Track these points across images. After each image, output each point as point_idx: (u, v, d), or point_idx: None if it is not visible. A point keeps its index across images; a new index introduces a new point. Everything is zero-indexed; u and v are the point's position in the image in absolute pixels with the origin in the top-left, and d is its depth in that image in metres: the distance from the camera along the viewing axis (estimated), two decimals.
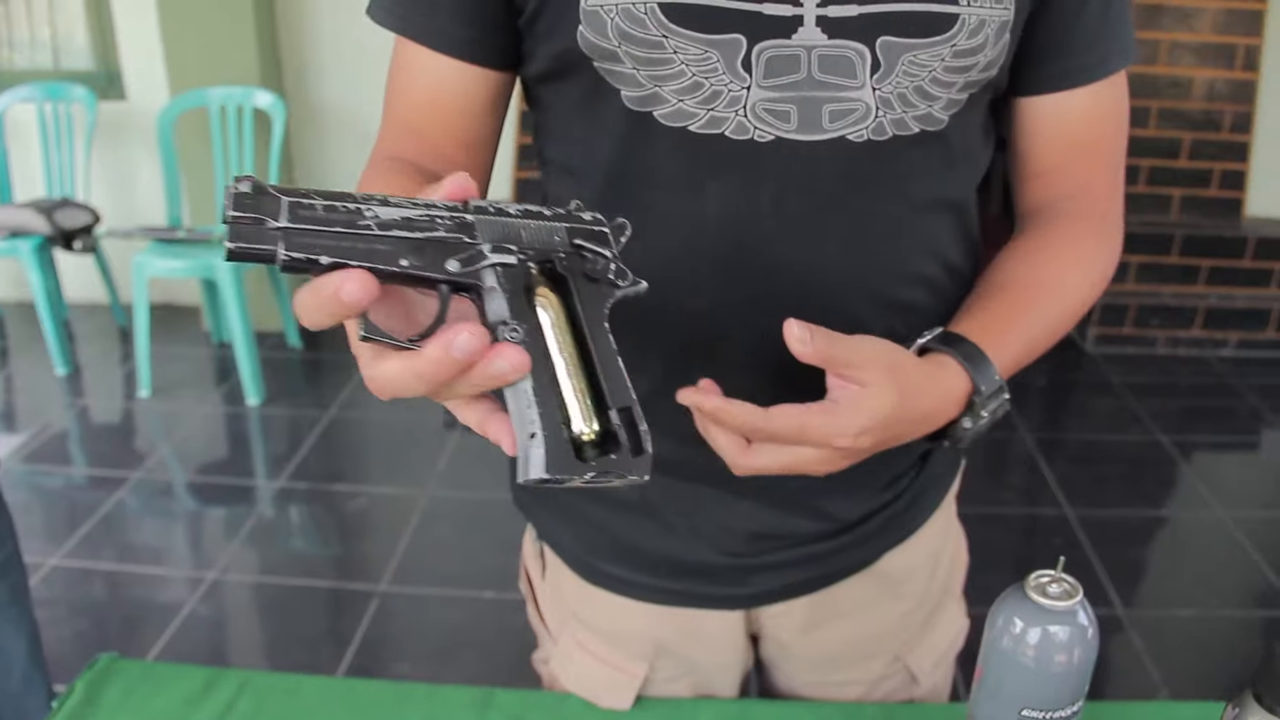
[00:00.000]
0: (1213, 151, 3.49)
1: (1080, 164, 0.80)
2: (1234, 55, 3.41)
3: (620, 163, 0.72)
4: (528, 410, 0.48)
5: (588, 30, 0.67)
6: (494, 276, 0.49)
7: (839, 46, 0.66)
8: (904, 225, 0.73)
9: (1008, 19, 0.69)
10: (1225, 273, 3.54)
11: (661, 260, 0.70)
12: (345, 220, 0.47)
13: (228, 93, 3.20)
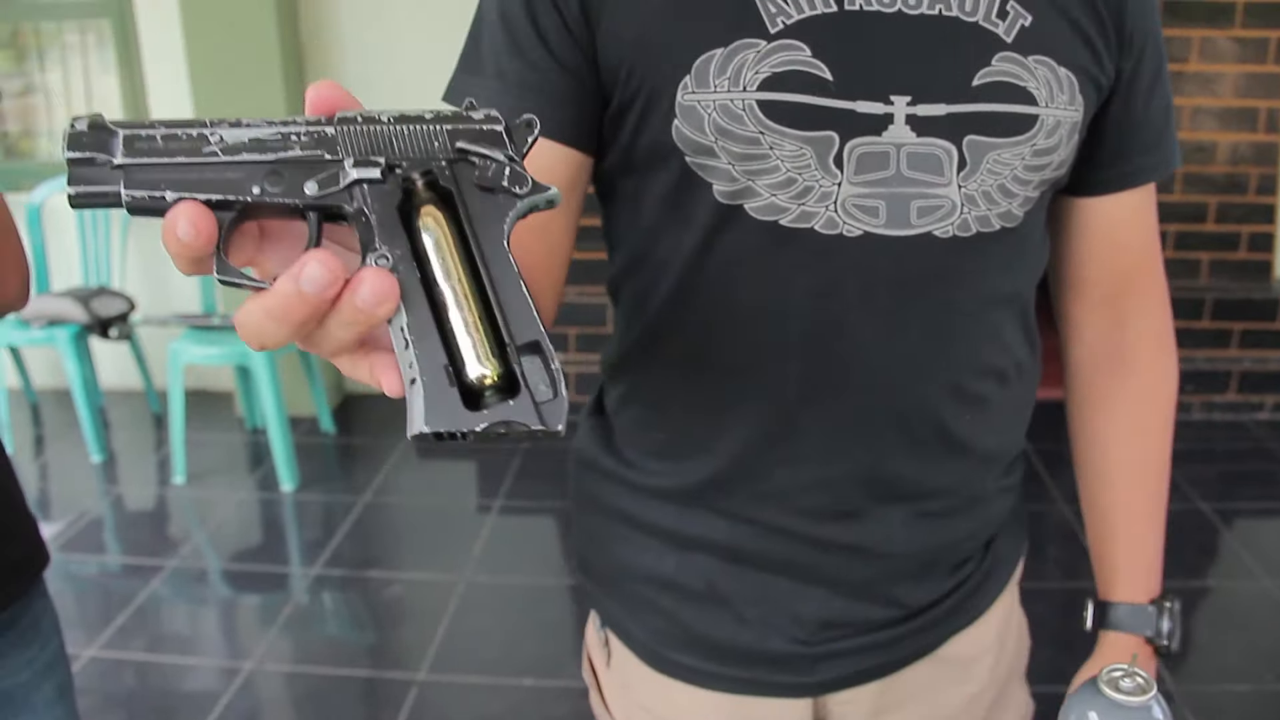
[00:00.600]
0: (1239, 214, 3.51)
1: (1132, 260, 0.85)
2: (1256, 118, 3.44)
3: (705, 253, 0.74)
4: (405, 352, 0.41)
5: (683, 125, 0.69)
6: (359, 195, 0.43)
7: (927, 144, 0.70)
8: (978, 318, 0.76)
9: (1078, 120, 0.74)
10: (1258, 335, 3.53)
11: (744, 347, 0.74)
12: (189, 149, 0.42)
13: None
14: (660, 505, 0.82)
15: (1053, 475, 3.05)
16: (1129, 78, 0.78)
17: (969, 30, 0.70)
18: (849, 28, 0.69)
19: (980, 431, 0.80)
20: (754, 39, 0.68)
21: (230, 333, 3.11)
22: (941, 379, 0.76)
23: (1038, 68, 0.71)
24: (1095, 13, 0.74)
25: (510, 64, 0.71)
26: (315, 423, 3.51)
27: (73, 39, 3.86)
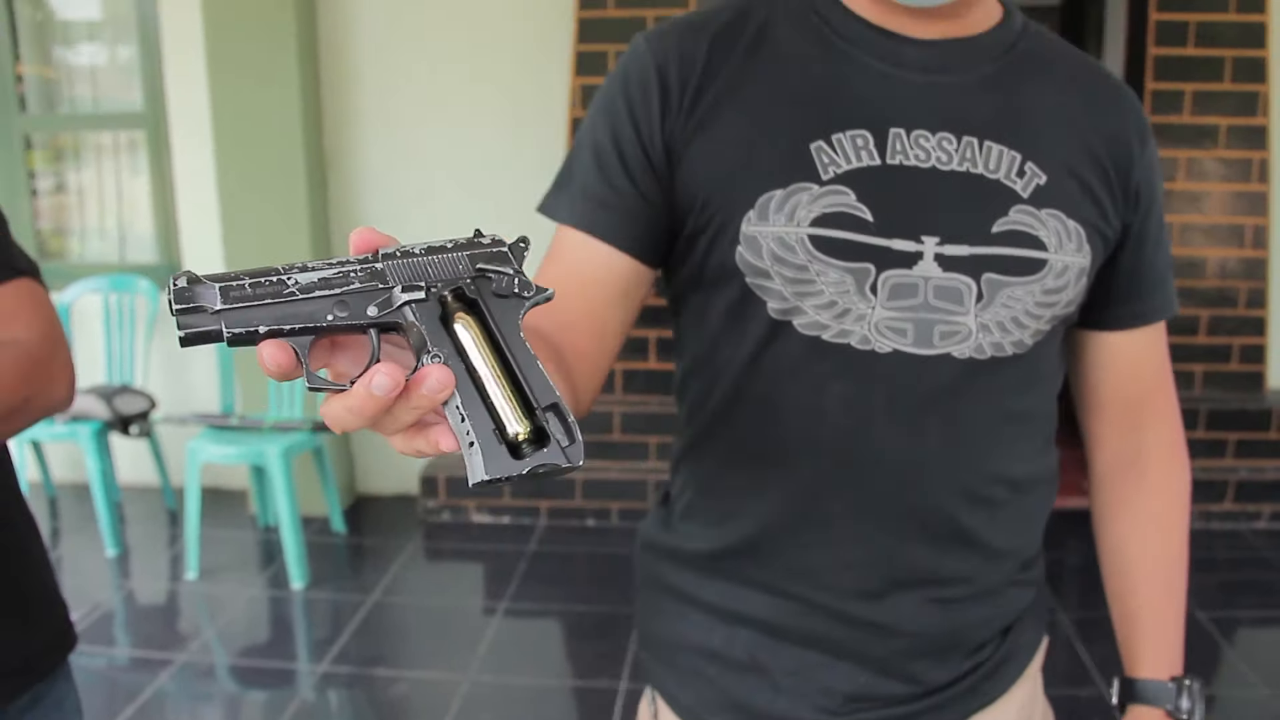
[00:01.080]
0: (1231, 327, 3.61)
1: (1146, 390, 0.98)
2: (1243, 235, 3.57)
3: (757, 360, 0.87)
4: (462, 424, 0.53)
5: (745, 251, 0.84)
6: (410, 313, 0.55)
7: (951, 279, 0.83)
8: (990, 431, 0.88)
9: (1085, 265, 0.87)
10: (1253, 445, 3.60)
11: (784, 441, 0.87)
12: (272, 292, 0.52)
13: None
14: (710, 581, 0.94)
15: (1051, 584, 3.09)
16: (1138, 229, 0.92)
17: (991, 185, 0.84)
18: (889, 179, 0.83)
19: (991, 531, 0.91)
20: (808, 183, 0.83)
21: (247, 433, 3.22)
22: (955, 482, 0.88)
23: (1050, 220, 0.85)
24: (1105, 175, 0.88)
25: (594, 185, 0.87)
26: (327, 522, 3.58)
27: (106, 141, 4.06)
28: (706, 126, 0.85)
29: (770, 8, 0.89)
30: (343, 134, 3.68)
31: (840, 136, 0.83)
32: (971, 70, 0.87)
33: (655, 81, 0.85)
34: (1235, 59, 3.46)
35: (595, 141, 0.87)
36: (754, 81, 0.86)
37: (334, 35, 3.62)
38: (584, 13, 3.43)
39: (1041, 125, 0.86)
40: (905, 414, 0.85)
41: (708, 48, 0.86)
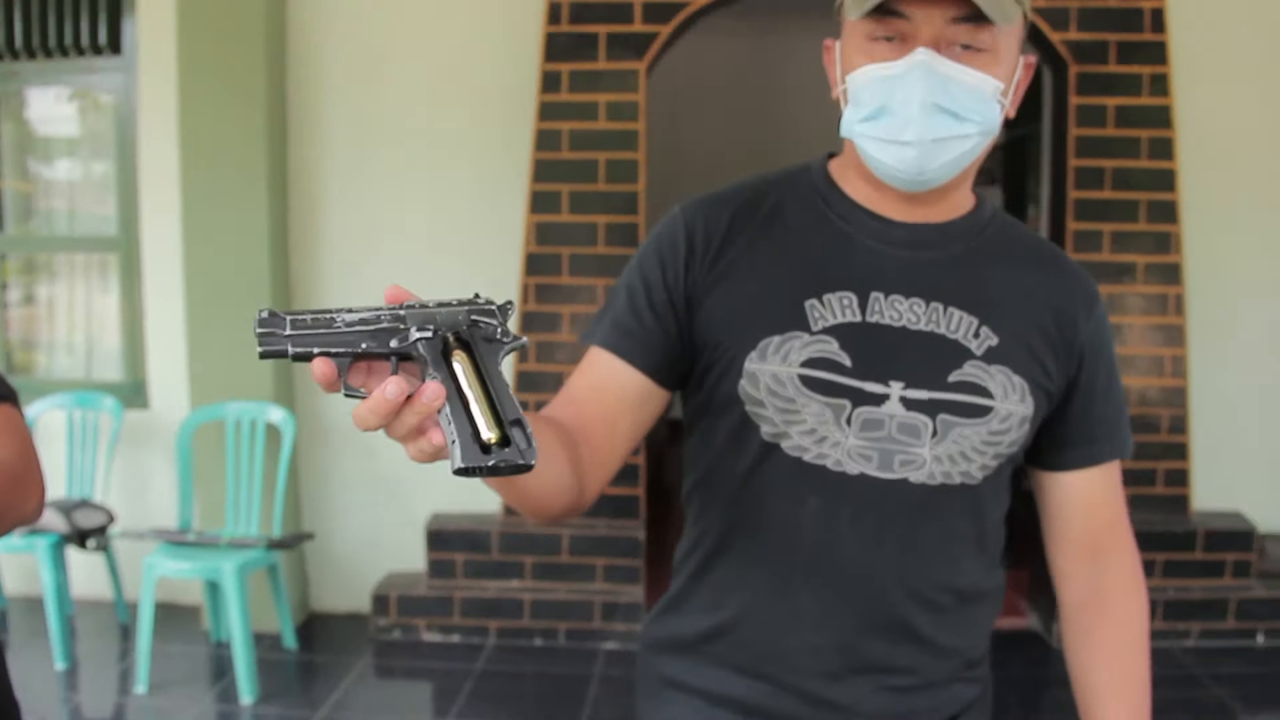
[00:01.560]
0: (1155, 452, 3.81)
1: (1105, 524, 1.16)
2: (1163, 365, 3.80)
3: (750, 476, 1.07)
4: (449, 426, 0.73)
5: (747, 384, 1.05)
6: (421, 346, 0.76)
7: (912, 417, 1.03)
8: (940, 547, 1.08)
9: (1028, 414, 1.07)
10: (1179, 565, 3.76)
11: (765, 544, 1.07)
12: (326, 324, 0.75)
13: (244, 407, 3.56)
14: (698, 668, 1.12)
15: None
16: (1085, 384, 1.11)
17: (950, 343, 1.05)
18: (867, 333, 1.04)
19: (938, 631, 1.09)
20: (801, 332, 1.04)
21: (203, 548, 3.30)
22: (907, 586, 1.06)
23: (998, 374, 1.05)
24: (1050, 339, 1.08)
25: (624, 317, 1.09)
26: (278, 639, 3.63)
27: (79, 259, 4.20)
28: (723, 281, 1.07)
29: (783, 191, 1.13)
30: (308, 261, 3.86)
31: (830, 296, 1.05)
32: (944, 249, 1.08)
33: (684, 242, 1.09)
34: (1149, 201, 3.74)
35: (630, 284, 1.10)
36: (765, 248, 1.08)
37: (302, 168, 3.83)
38: (540, 154, 3.67)
39: (999, 297, 1.08)
40: (868, 526, 1.04)
41: (729, 219, 1.10)
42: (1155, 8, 3.66)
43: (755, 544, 1.09)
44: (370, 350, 0.75)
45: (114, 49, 3.89)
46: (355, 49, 3.79)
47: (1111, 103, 3.70)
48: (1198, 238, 3.79)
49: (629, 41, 3.62)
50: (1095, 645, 1.16)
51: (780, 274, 1.07)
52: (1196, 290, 3.80)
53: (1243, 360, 3.92)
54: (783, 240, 1.09)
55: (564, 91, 3.64)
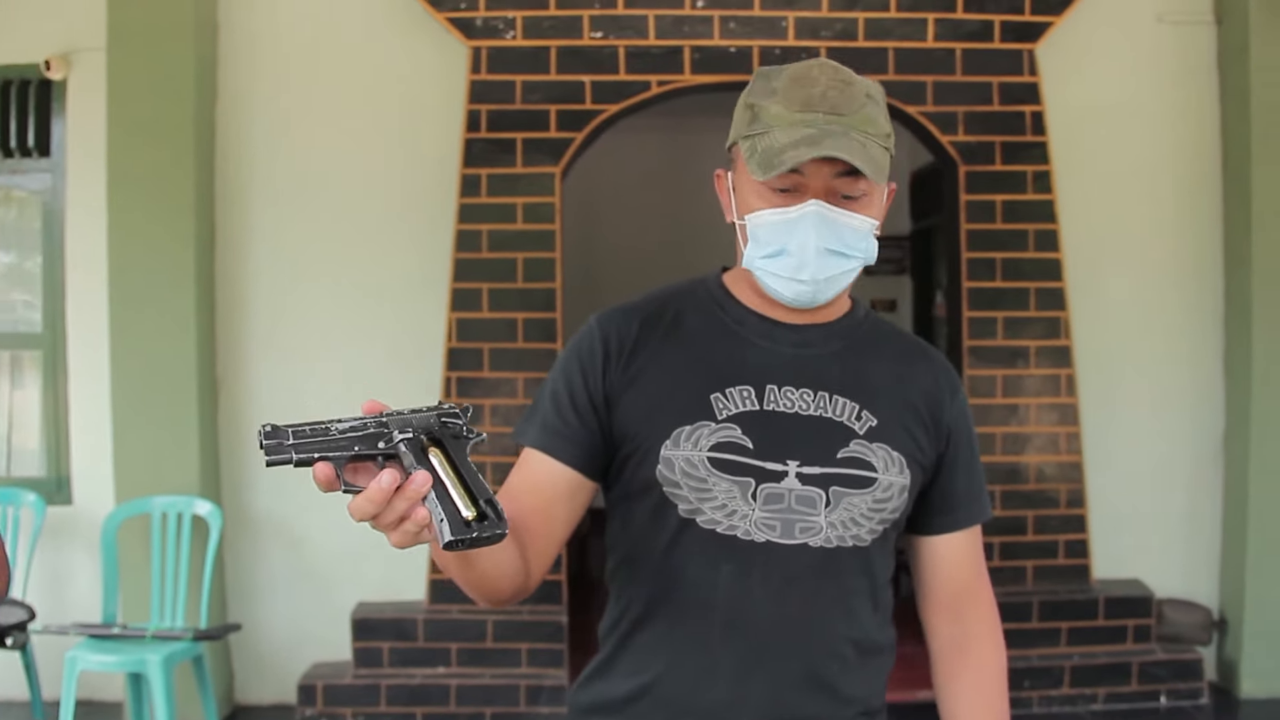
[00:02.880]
0: (1054, 525, 4.07)
1: (968, 582, 1.34)
2: (1059, 442, 4.09)
3: (670, 550, 1.23)
4: (435, 508, 0.91)
5: (663, 468, 1.21)
6: (403, 446, 0.94)
7: (808, 490, 1.21)
8: (839, 602, 1.24)
9: (907, 484, 1.25)
10: (1083, 632, 4.00)
11: (688, 608, 1.23)
12: (323, 433, 0.92)
13: (170, 501, 3.68)
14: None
15: None
16: (950, 458, 1.30)
17: (837, 425, 1.23)
18: (765, 419, 1.22)
19: (842, 681, 1.24)
20: (708, 421, 1.21)
21: (128, 642, 3.38)
22: (814, 639, 1.22)
23: (879, 450, 1.23)
24: (921, 420, 1.28)
25: (550, 419, 1.26)
26: None
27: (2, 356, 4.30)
28: (636, 382, 1.25)
29: (683, 301, 1.32)
30: (234, 357, 4.02)
31: (731, 390, 1.23)
32: (827, 346, 1.28)
33: (600, 349, 1.26)
34: (1038, 289, 4.07)
35: (555, 389, 1.27)
36: (671, 352, 1.26)
37: (229, 268, 4.01)
38: (460, 254, 3.90)
39: (876, 384, 1.27)
40: (775, 586, 1.20)
41: (639, 327, 1.28)
42: (1035, 111, 4.04)
43: (676, 609, 1.23)
44: (362, 452, 0.93)
45: (42, 151, 4.06)
46: (282, 152, 4.02)
47: (999, 199, 4.05)
48: (1084, 322, 4.13)
49: (544, 146, 3.89)
50: (958, 685, 1.34)
51: (686, 372, 1.25)
52: (1085, 371, 4.12)
53: (1131, 435, 4.24)
54: (686, 344, 1.27)
55: (483, 194, 3.89)
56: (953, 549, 1.34)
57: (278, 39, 4.02)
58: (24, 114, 4.03)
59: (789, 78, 1.20)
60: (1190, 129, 4.24)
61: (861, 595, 1.27)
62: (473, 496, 0.94)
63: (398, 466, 0.94)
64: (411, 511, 0.91)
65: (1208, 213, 4.25)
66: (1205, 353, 4.28)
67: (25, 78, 4.01)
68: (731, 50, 3.94)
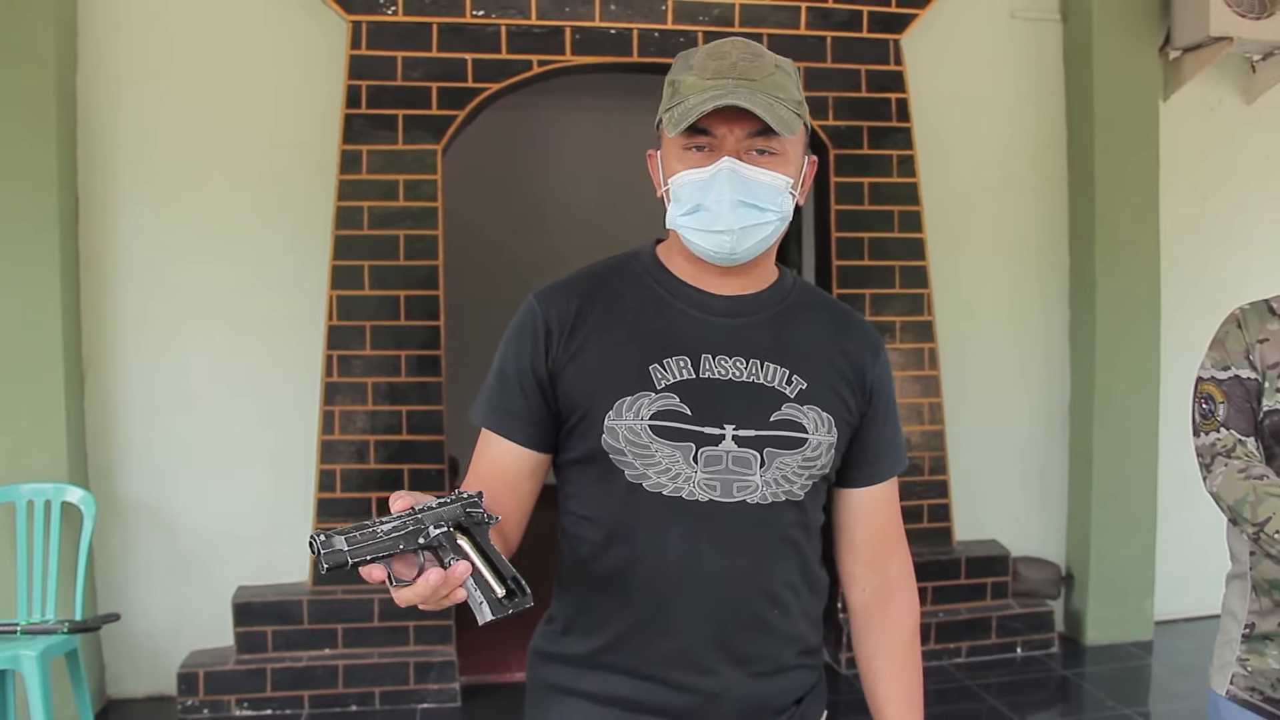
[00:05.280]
0: (919, 490, 4.38)
1: (885, 530, 1.48)
2: (923, 412, 4.40)
3: (621, 513, 1.33)
4: (474, 592, 1.10)
5: (608, 437, 1.31)
6: (439, 538, 1.10)
7: (744, 452, 1.32)
8: (779, 551, 1.37)
9: (834, 442, 1.37)
10: (946, 591, 4.33)
11: (638, 567, 1.33)
12: (370, 535, 1.07)
13: (37, 488, 3.58)
14: (587, 674, 1.38)
15: None
16: (872, 415, 1.42)
17: (769, 390, 1.34)
18: (701, 387, 1.32)
19: (784, 621, 1.37)
20: (648, 391, 1.31)
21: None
22: (759, 586, 1.35)
23: (809, 411, 1.35)
24: (847, 380, 1.40)
25: (499, 399, 1.38)
26: None
27: None
28: (578, 357, 1.34)
29: (620, 275, 1.41)
30: (104, 339, 3.93)
31: (669, 360, 1.33)
32: (757, 315, 1.38)
33: (542, 328, 1.36)
34: (903, 268, 4.36)
35: (503, 370, 1.38)
36: (610, 326, 1.36)
37: (96, 246, 3.91)
38: (340, 231, 3.92)
39: (804, 350, 1.38)
40: (720, 541, 1.32)
41: (578, 304, 1.37)
42: (900, 98, 4.32)
43: (631, 567, 1.34)
44: (405, 548, 1.09)
45: None
46: (150, 124, 3.94)
47: (866, 181, 4.32)
48: (944, 299, 4.45)
49: (426, 123, 3.94)
50: (878, 636, 1.47)
51: (625, 346, 1.34)
52: (945, 345, 4.45)
53: (987, 406, 4.60)
54: (624, 317, 1.36)
55: (364, 171, 3.91)
56: (874, 500, 1.47)
57: (144, 4, 3.93)
58: None
59: (703, 53, 1.31)
60: (1040, 119, 4.62)
61: (800, 544, 1.39)
62: (501, 575, 1.12)
63: (434, 557, 1.11)
64: (451, 595, 1.07)
65: (1056, 198, 4.64)
66: (1053, 328, 4.67)
67: None
68: (611, 32, 4.07)
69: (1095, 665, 4.34)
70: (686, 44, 4.11)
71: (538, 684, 1.45)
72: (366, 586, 3.75)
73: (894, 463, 1.48)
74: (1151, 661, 4.38)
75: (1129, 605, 4.54)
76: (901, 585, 1.49)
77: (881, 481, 1.47)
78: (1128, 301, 4.48)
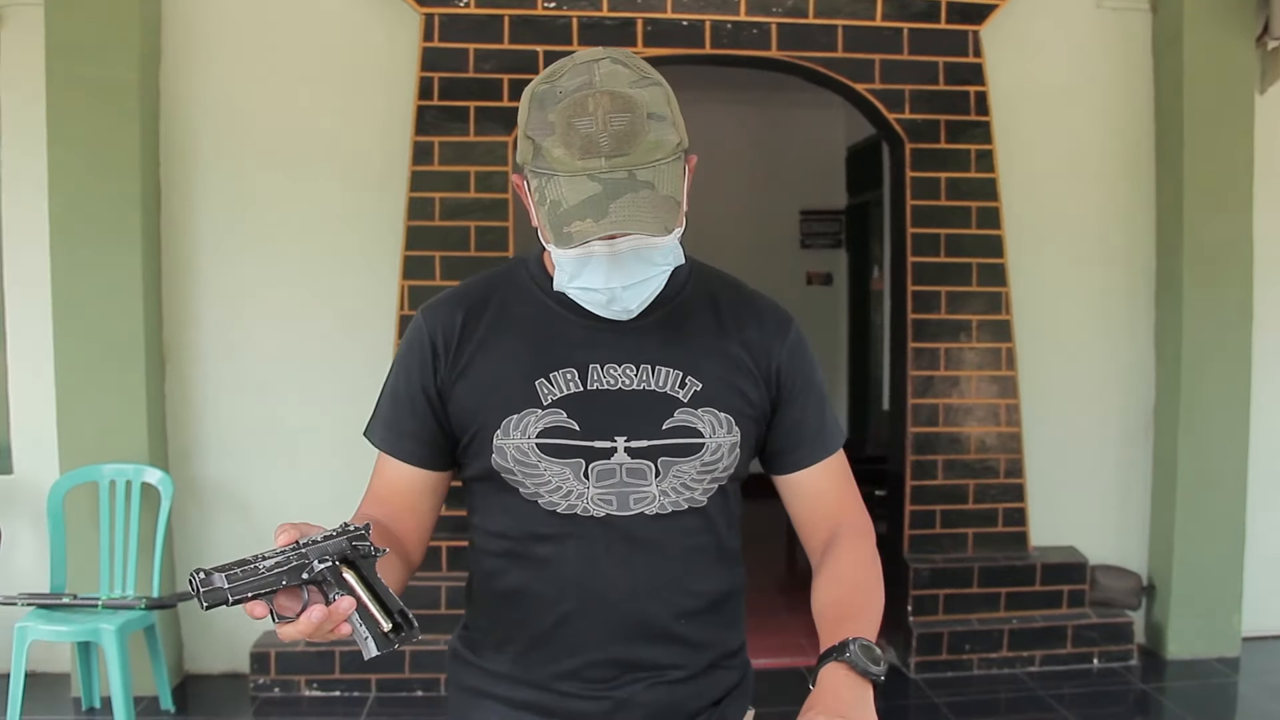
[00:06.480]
0: (994, 494, 4.33)
1: (833, 509, 1.42)
2: (999, 413, 4.34)
3: (521, 528, 1.33)
4: (358, 626, 1.10)
5: (498, 457, 1.30)
6: (324, 573, 1.09)
7: (637, 463, 1.30)
8: (681, 561, 1.34)
9: (737, 441, 1.33)
10: (1021, 598, 4.27)
11: (540, 581, 1.34)
12: (252, 572, 1.05)
13: (119, 469, 3.74)
14: (499, 683, 1.40)
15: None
16: (786, 400, 1.37)
17: (660, 397, 1.31)
18: (589, 399, 1.30)
19: (693, 630, 1.35)
20: (534, 408, 1.30)
21: (79, 611, 3.45)
22: (662, 599, 1.33)
23: (704, 414, 1.32)
24: (749, 371, 1.35)
25: (393, 420, 1.37)
26: (155, 701, 3.76)
27: None
28: (466, 374, 1.32)
29: (506, 285, 1.39)
30: (182, 322, 4.09)
31: (555, 374, 1.31)
32: (648, 317, 1.32)
33: (429, 346, 1.35)
34: (980, 265, 4.31)
35: (395, 389, 1.38)
36: (496, 340, 1.33)
37: (176, 231, 4.07)
38: (412, 222, 4.02)
39: (699, 347, 1.34)
40: (620, 555, 1.32)
41: (463, 319, 1.35)
42: (980, 91, 4.27)
43: (531, 584, 1.34)
44: (288, 583, 1.08)
45: None
46: (229, 116, 4.08)
47: (944, 176, 4.28)
48: (1023, 298, 4.39)
49: (497, 115, 4.02)
50: (827, 570, 1.35)
51: (511, 360, 1.32)
52: (1024, 345, 4.38)
53: (1067, 408, 4.52)
54: (510, 331, 1.34)
55: (435, 163, 4.01)
56: (811, 482, 1.42)
57: (223, 1, 4.07)
58: None
59: (563, 112, 1.17)
60: (1126, 113, 4.52)
61: (706, 550, 1.37)
62: (387, 609, 1.12)
63: (319, 591, 1.10)
64: (336, 630, 1.07)
65: (1142, 194, 4.53)
66: (1138, 329, 4.57)
67: None
68: (683, 23, 4.10)
69: (1177, 680, 4.23)
70: (759, 36, 4.12)
71: (456, 685, 1.46)
72: (434, 572, 3.86)
73: (821, 446, 1.42)
74: (1238, 679, 4.25)
75: (1215, 619, 4.41)
76: (852, 535, 1.39)
77: (809, 465, 1.41)
78: (1217, 304, 4.36)
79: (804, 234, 7.45)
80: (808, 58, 4.18)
